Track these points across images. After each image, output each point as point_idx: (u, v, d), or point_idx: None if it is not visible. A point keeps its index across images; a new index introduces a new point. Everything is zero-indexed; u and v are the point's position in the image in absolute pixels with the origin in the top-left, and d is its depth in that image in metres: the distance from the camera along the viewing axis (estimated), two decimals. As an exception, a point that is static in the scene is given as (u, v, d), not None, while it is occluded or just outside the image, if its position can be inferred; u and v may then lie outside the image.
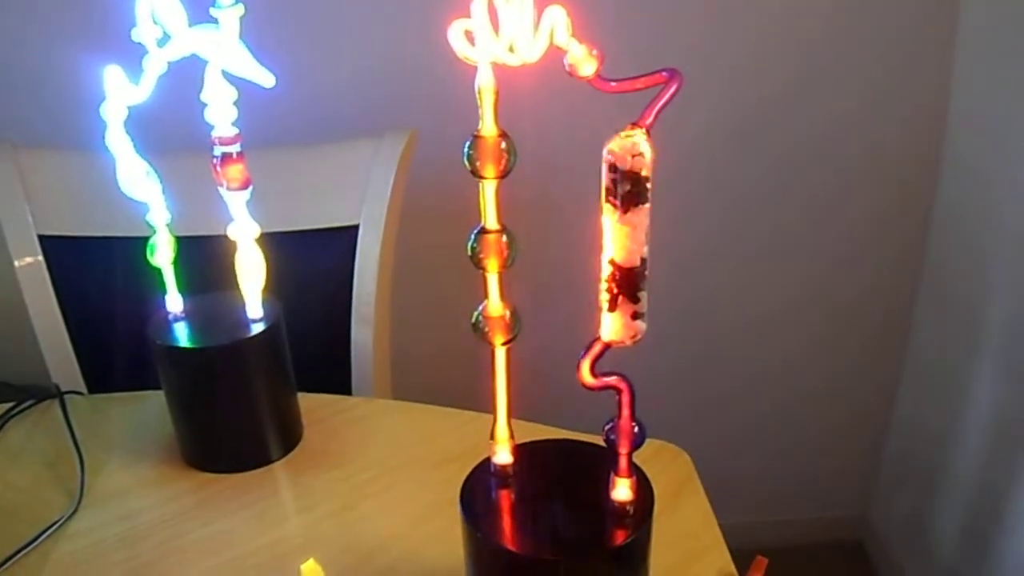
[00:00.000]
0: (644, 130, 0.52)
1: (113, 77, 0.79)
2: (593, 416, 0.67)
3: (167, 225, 0.90)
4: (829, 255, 1.70)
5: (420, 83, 1.40)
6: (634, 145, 0.51)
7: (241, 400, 0.95)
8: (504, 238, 0.59)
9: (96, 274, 1.24)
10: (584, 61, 0.53)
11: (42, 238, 1.20)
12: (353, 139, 1.23)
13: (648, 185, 0.52)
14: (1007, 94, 1.41)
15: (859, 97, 1.55)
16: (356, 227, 1.20)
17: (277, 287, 0.98)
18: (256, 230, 0.90)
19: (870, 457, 1.91)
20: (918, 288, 1.71)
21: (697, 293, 1.71)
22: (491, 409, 0.66)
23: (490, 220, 0.58)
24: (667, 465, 0.93)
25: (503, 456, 0.66)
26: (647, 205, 0.52)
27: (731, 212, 1.65)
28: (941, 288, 1.66)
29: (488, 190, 0.57)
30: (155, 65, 0.79)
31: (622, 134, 0.52)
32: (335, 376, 1.24)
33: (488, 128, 0.56)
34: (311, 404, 1.04)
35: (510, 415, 0.65)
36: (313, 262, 1.23)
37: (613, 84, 0.54)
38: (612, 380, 0.58)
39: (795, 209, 1.64)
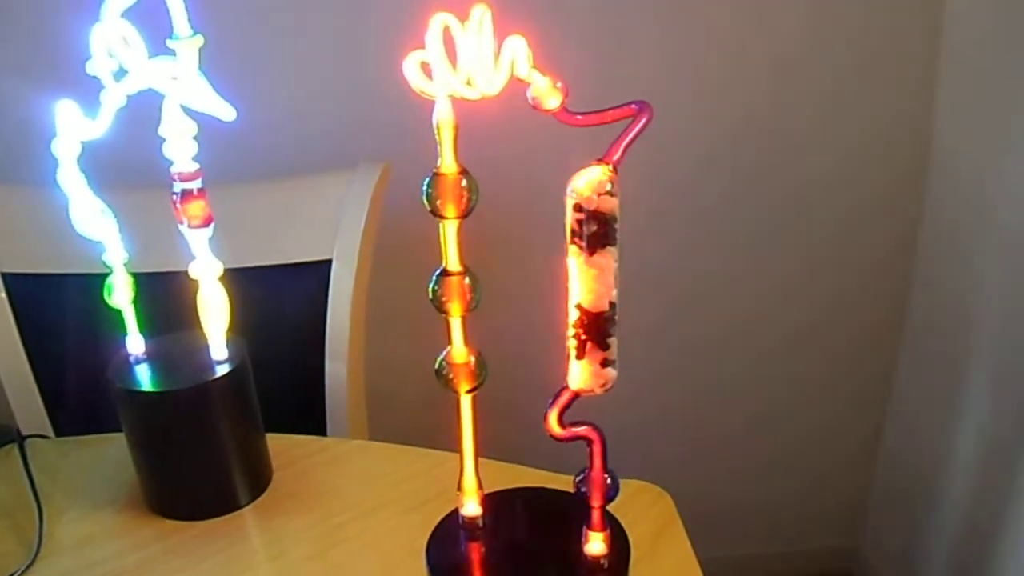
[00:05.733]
0: (611, 167, 0.49)
1: (66, 112, 0.76)
2: (572, 455, 0.63)
3: (125, 264, 0.87)
4: (817, 286, 1.68)
5: (393, 114, 1.38)
6: (600, 183, 0.48)
7: (206, 444, 0.91)
8: (467, 280, 0.56)
9: (63, 312, 1.21)
10: (548, 94, 0.50)
11: (5, 275, 1.17)
12: (325, 172, 1.20)
13: (616, 225, 0.49)
14: (989, 134, 1.40)
15: (838, 109, 1.53)
16: (329, 262, 1.16)
17: (248, 324, 0.95)
18: (219, 268, 0.87)
19: (860, 488, 1.88)
20: (904, 320, 1.69)
21: (685, 330, 1.69)
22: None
23: (451, 262, 0.55)
24: (647, 508, 0.89)
25: (471, 508, 0.63)
26: (615, 246, 0.49)
27: (706, 228, 1.62)
28: (928, 320, 1.63)
29: (449, 230, 0.55)
30: (113, 99, 0.76)
31: (587, 171, 0.49)
32: (309, 415, 1.21)
33: (448, 165, 0.53)
34: (281, 446, 1.00)
35: (478, 464, 0.62)
36: (285, 298, 1.20)
37: (579, 117, 0.51)
38: (582, 430, 0.55)
39: (773, 225, 1.62)
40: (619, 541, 0.61)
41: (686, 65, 1.48)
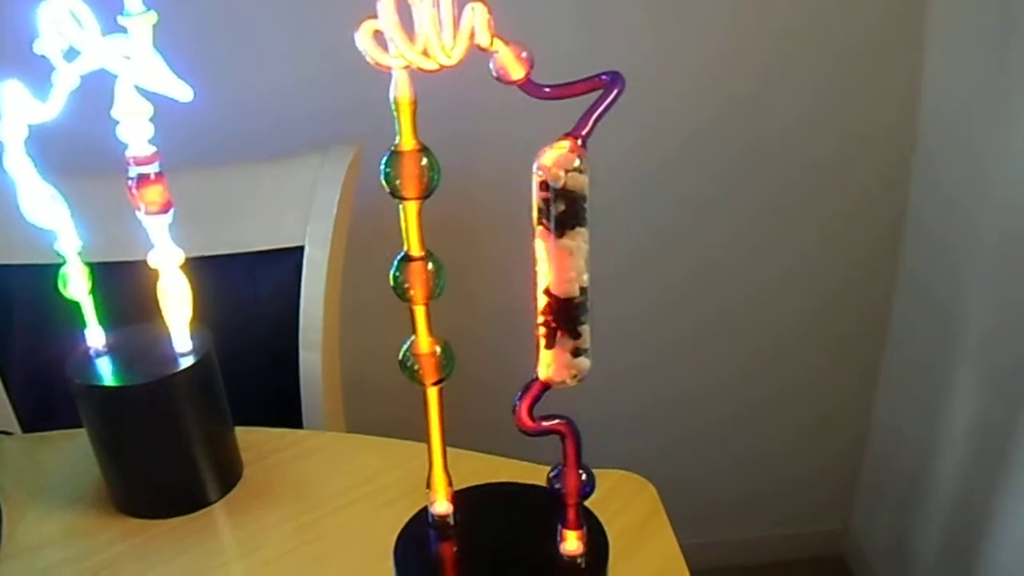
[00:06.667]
0: (580, 141, 0.45)
1: (11, 94, 0.72)
2: (555, 443, 0.60)
3: (80, 253, 0.83)
4: (804, 258, 1.65)
5: (365, 95, 1.34)
6: (567, 159, 0.44)
7: (171, 440, 0.88)
8: (430, 266, 0.52)
9: (26, 304, 1.17)
10: (512, 64, 0.47)
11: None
12: (295, 156, 1.16)
13: (586, 205, 0.45)
14: (976, 99, 1.37)
15: (826, 100, 1.50)
16: (301, 248, 1.13)
17: (219, 314, 0.91)
18: (180, 256, 0.83)
19: (850, 470, 1.86)
20: (893, 296, 1.67)
21: (673, 318, 1.67)
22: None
23: (413, 245, 0.52)
24: (630, 499, 0.86)
25: (441, 506, 0.60)
26: (585, 227, 0.46)
27: (695, 215, 1.59)
28: (917, 296, 1.62)
29: (410, 212, 0.51)
30: (65, 80, 0.72)
31: (555, 146, 0.45)
32: (285, 407, 1.18)
33: (406, 142, 0.50)
34: (252, 439, 0.97)
35: (446, 460, 0.58)
36: (257, 286, 1.17)
37: (547, 90, 0.48)
38: (554, 424, 0.51)
39: (762, 212, 1.60)
40: (597, 538, 0.58)
41: (672, 49, 1.43)
